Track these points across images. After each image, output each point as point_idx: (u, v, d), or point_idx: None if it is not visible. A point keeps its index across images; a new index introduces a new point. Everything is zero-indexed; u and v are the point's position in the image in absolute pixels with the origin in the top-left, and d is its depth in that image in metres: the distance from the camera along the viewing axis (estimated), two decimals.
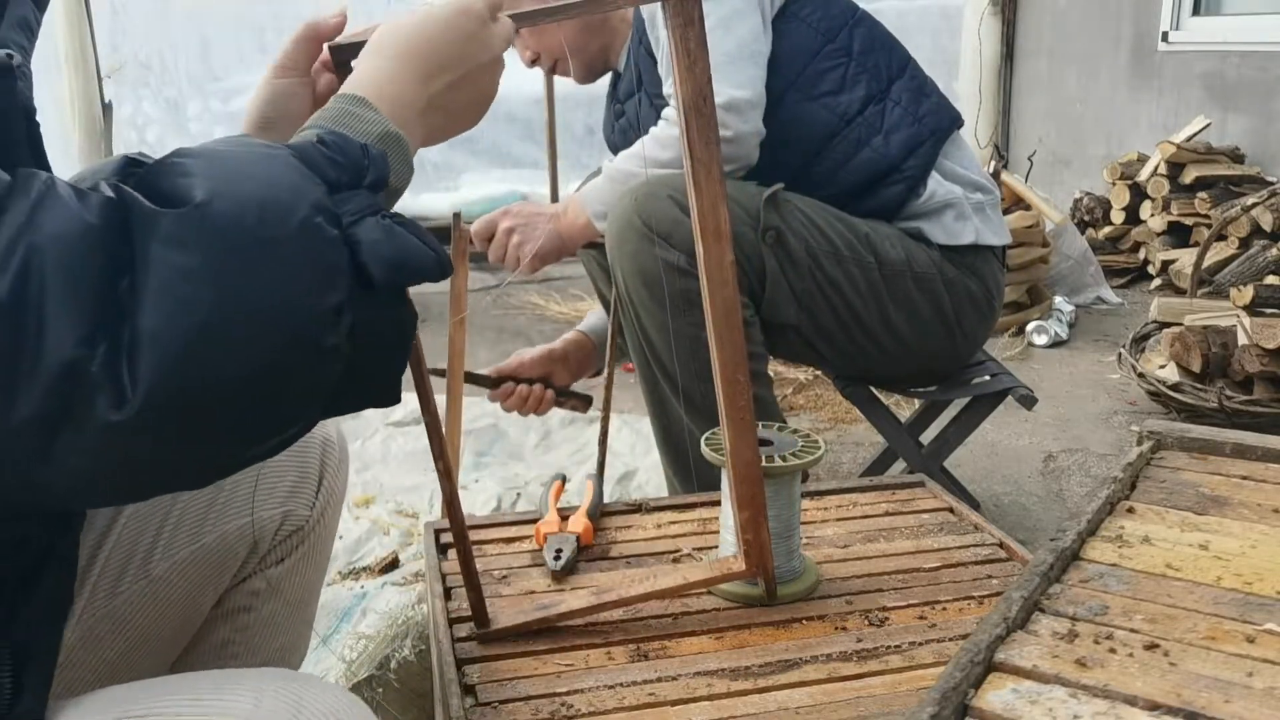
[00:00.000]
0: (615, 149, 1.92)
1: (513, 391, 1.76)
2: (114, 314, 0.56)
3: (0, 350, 0.53)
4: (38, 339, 0.54)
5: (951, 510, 1.35)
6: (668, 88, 1.73)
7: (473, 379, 1.65)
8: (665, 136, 1.66)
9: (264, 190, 0.61)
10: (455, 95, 0.79)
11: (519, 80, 5.17)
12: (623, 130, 1.89)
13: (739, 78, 1.61)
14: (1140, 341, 2.86)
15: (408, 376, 0.79)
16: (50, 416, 0.55)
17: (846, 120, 1.69)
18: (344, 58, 0.87)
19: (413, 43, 0.77)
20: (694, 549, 1.24)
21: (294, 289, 0.60)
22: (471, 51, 0.79)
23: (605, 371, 1.83)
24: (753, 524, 1.05)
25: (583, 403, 1.82)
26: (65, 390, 0.54)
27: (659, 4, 0.90)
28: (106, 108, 4.36)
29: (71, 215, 0.57)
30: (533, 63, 1.86)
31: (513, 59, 0.99)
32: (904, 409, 2.34)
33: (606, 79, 1.96)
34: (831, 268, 1.65)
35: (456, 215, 1.23)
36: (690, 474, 1.69)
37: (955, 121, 1.78)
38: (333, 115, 0.72)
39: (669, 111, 1.69)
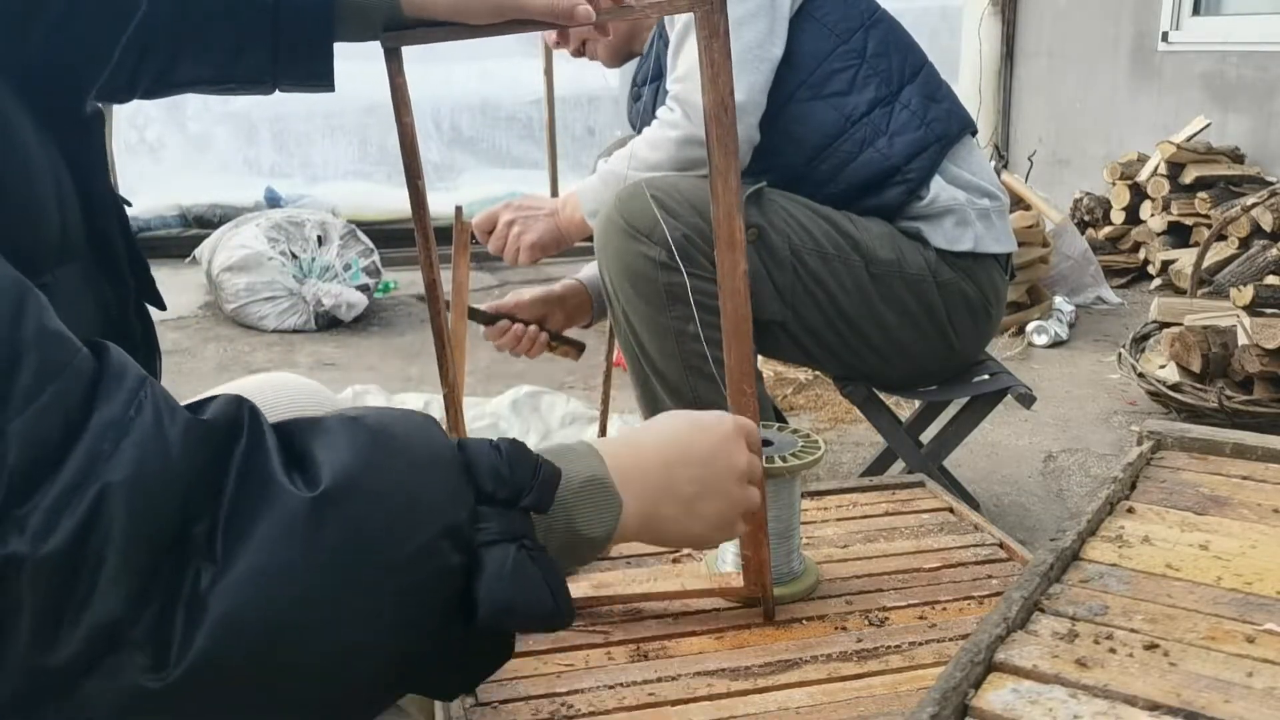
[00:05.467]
0: (634, 127, 1.94)
1: (508, 329, 1.74)
2: (176, 569, 0.52)
3: (47, 600, 0.49)
4: (87, 592, 0.50)
5: (951, 510, 1.35)
6: (671, 79, 1.73)
7: (472, 315, 1.64)
8: (656, 138, 1.67)
9: (399, 501, 0.57)
10: (695, 493, 0.79)
11: (518, 81, 5.17)
12: (639, 112, 1.91)
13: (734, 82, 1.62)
14: (1140, 341, 2.86)
15: None
16: (79, 670, 0.51)
17: (852, 121, 1.69)
18: (392, 44, 0.88)
19: (666, 427, 0.81)
20: (693, 549, 1.24)
21: (385, 622, 0.56)
22: (719, 455, 0.81)
23: (605, 367, 1.83)
24: (752, 540, 1.05)
25: (575, 349, 1.79)
26: (100, 650, 0.51)
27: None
28: (106, 106, 4.36)
29: (156, 451, 0.52)
30: (557, 44, 1.87)
31: (523, 47, 1.01)
32: (904, 409, 2.33)
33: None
34: (816, 264, 1.66)
35: (458, 209, 1.25)
36: None
37: (966, 128, 1.77)
38: (555, 446, 0.73)
39: (662, 112, 1.69)
